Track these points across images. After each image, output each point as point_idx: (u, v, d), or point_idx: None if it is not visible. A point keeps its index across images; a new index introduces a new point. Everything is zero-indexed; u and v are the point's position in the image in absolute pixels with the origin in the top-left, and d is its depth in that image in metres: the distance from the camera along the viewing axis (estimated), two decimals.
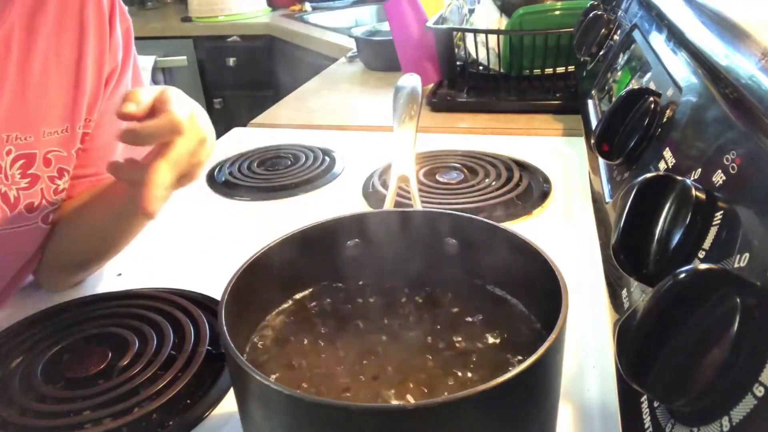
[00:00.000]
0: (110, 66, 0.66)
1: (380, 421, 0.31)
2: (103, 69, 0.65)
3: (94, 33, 0.63)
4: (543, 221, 0.76)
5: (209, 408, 0.49)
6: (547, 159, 0.92)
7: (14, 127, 0.59)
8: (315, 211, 0.79)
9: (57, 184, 0.64)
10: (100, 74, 0.65)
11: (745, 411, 0.23)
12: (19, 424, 0.48)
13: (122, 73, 0.68)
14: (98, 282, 0.70)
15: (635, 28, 0.72)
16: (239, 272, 0.41)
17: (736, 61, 0.38)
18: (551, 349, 0.33)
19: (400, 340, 0.43)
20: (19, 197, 0.61)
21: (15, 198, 0.61)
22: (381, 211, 0.55)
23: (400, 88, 0.72)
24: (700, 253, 0.31)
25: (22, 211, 0.62)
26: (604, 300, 0.46)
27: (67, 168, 0.64)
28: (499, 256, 0.44)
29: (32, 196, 0.62)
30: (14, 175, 0.60)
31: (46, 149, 0.62)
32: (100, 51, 0.64)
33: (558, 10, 1.10)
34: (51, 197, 0.63)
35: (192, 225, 0.83)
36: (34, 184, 0.62)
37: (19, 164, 0.60)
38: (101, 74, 0.65)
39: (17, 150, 0.60)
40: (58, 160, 0.63)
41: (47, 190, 0.63)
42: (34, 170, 0.61)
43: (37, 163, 0.61)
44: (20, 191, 0.61)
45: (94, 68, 0.64)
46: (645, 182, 0.36)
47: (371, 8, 2.52)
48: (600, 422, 0.47)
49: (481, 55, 1.17)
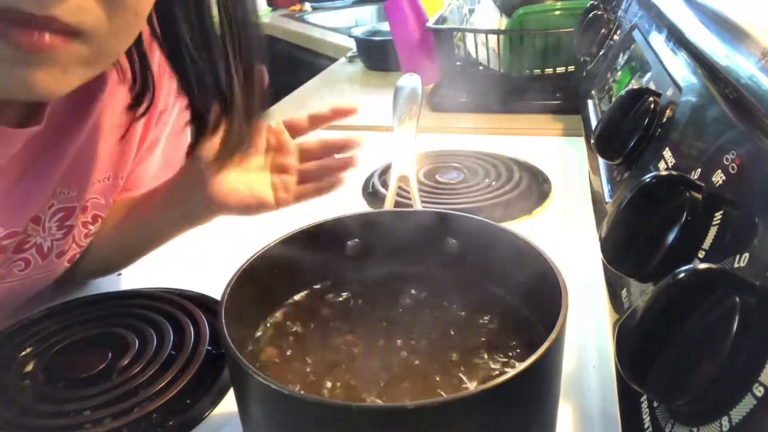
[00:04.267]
0: (161, 108, 0.63)
1: (380, 421, 0.31)
2: (155, 113, 0.62)
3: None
4: (543, 221, 0.76)
5: (209, 408, 0.49)
6: (547, 159, 0.92)
7: (61, 183, 0.57)
8: (315, 211, 0.79)
9: (89, 229, 0.62)
10: (151, 119, 0.62)
11: (745, 411, 0.23)
12: (20, 424, 0.48)
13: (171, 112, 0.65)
14: (98, 282, 0.69)
15: (635, 28, 0.72)
16: (239, 272, 0.41)
17: (736, 61, 0.39)
18: (551, 349, 0.33)
19: (399, 339, 0.43)
20: (52, 247, 0.59)
21: (48, 249, 0.59)
22: (381, 211, 0.55)
23: (400, 88, 0.72)
24: (700, 253, 0.31)
25: (53, 259, 0.60)
26: (604, 300, 0.46)
27: (101, 214, 0.62)
28: (499, 256, 0.44)
29: (64, 244, 0.60)
30: (51, 227, 0.58)
31: (86, 199, 0.60)
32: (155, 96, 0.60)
33: (558, 10, 1.10)
34: (81, 241, 0.62)
35: None
36: (68, 234, 0.60)
37: (58, 217, 0.58)
38: (152, 119, 0.63)
39: (59, 203, 0.58)
40: (94, 207, 0.61)
41: (78, 236, 0.61)
42: (71, 221, 0.59)
43: (74, 215, 0.59)
44: (54, 242, 0.59)
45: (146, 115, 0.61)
46: (645, 182, 0.36)
47: (371, 8, 2.52)
48: (600, 422, 0.47)
49: (481, 55, 1.17)
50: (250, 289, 0.42)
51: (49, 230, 0.58)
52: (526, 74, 1.16)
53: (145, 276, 0.70)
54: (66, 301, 0.64)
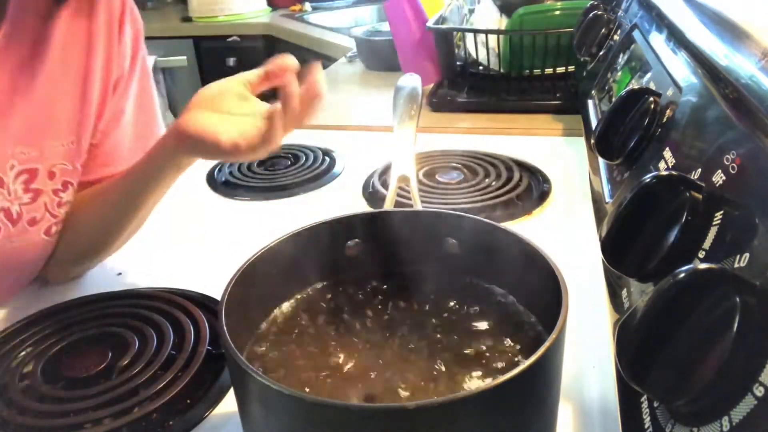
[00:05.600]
0: (116, 74, 0.65)
1: (380, 421, 0.31)
2: (110, 79, 0.64)
3: (102, 43, 0.62)
4: (543, 221, 0.76)
5: (209, 408, 0.49)
6: (547, 159, 0.92)
7: (19, 141, 0.58)
8: (315, 211, 0.79)
9: (60, 197, 0.63)
10: (107, 85, 0.64)
11: (745, 411, 0.23)
12: (19, 424, 0.48)
13: (129, 78, 0.67)
14: (98, 282, 0.70)
15: (635, 28, 0.72)
16: (239, 272, 0.41)
17: (736, 61, 0.38)
18: (551, 349, 0.33)
19: (400, 339, 0.43)
20: (21, 212, 0.60)
21: (18, 213, 0.60)
22: (381, 211, 0.55)
23: (400, 88, 0.72)
24: (700, 253, 0.31)
25: (25, 226, 0.61)
26: (604, 300, 0.46)
27: (71, 181, 0.63)
28: (499, 256, 0.44)
29: (35, 210, 0.61)
30: (17, 190, 0.59)
31: (50, 163, 0.61)
32: (107, 61, 0.63)
33: (558, 10, 1.10)
34: (54, 210, 0.63)
35: (192, 225, 0.83)
36: (37, 199, 0.61)
37: (22, 179, 0.59)
38: (108, 84, 0.64)
39: (20, 164, 0.59)
40: (62, 174, 0.62)
41: (50, 204, 0.62)
42: (37, 185, 0.60)
43: (39, 177, 0.60)
44: (23, 206, 0.60)
45: (101, 79, 0.63)
46: (646, 182, 0.36)
47: (371, 8, 2.52)
48: (600, 422, 0.47)
49: (481, 55, 1.17)
50: (250, 289, 0.42)
51: (15, 193, 0.59)
52: (526, 74, 1.16)
53: (145, 276, 0.70)
54: (66, 301, 0.64)
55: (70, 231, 0.66)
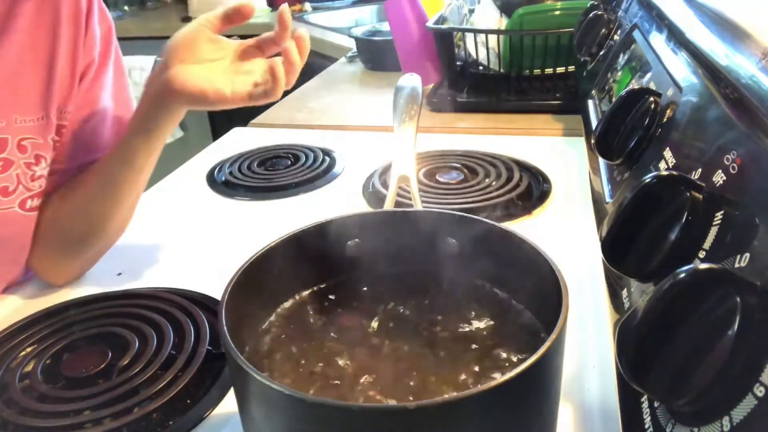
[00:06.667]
0: (85, 60, 0.67)
1: (380, 421, 0.31)
2: (77, 62, 0.66)
3: (68, 28, 0.65)
4: (543, 221, 0.76)
5: (209, 408, 0.49)
6: (547, 159, 0.92)
7: None
8: (315, 211, 0.79)
9: (34, 171, 0.64)
10: (74, 67, 0.66)
11: (746, 411, 0.23)
12: (19, 424, 0.48)
13: (101, 70, 0.70)
14: (98, 282, 0.70)
15: (635, 28, 0.72)
16: (239, 272, 0.41)
17: (736, 61, 0.38)
18: (551, 350, 0.33)
19: (400, 340, 0.43)
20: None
21: None
22: (381, 211, 0.55)
23: (400, 88, 0.72)
24: (700, 253, 0.31)
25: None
26: (604, 300, 0.46)
27: (43, 155, 0.65)
28: (500, 257, 0.44)
29: (7, 180, 0.62)
30: None
31: (19, 136, 0.63)
32: (74, 45, 0.66)
33: (558, 10, 1.10)
34: (28, 183, 0.64)
35: (192, 225, 0.83)
36: (8, 169, 0.62)
37: None
38: (75, 67, 0.66)
39: None
40: (34, 147, 0.64)
41: (23, 176, 0.63)
42: (7, 155, 0.62)
43: (9, 148, 0.62)
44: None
45: (67, 60, 0.65)
46: (646, 182, 0.36)
47: (371, 8, 2.52)
48: (600, 422, 0.47)
49: (481, 55, 1.17)
50: (250, 288, 0.42)
51: None
52: (526, 74, 1.16)
53: (145, 276, 0.70)
54: (66, 301, 0.64)
55: (66, 213, 0.67)
